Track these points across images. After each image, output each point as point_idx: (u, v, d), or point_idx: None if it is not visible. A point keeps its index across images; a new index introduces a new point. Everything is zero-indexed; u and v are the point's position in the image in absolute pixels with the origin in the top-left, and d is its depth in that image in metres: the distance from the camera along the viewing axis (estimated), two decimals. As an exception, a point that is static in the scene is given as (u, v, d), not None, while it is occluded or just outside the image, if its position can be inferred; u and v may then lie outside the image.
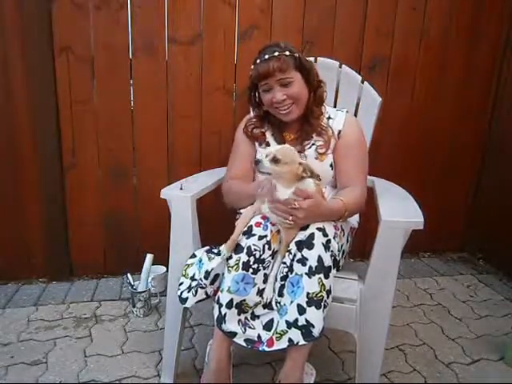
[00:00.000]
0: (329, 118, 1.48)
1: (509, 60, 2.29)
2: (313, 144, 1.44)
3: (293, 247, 1.20)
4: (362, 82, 1.78)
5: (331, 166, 1.44)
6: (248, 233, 1.23)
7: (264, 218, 1.24)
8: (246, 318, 1.22)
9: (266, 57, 1.35)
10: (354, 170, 1.41)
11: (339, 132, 1.44)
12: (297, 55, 1.38)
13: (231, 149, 1.59)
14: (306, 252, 1.17)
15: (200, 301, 1.29)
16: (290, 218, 1.18)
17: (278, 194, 1.20)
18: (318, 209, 1.20)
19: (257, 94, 1.48)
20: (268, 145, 1.49)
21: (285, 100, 1.38)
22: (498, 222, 2.37)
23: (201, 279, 1.28)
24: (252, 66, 1.41)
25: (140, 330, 1.77)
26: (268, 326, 1.21)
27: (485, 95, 2.36)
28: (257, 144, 1.52)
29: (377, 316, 1.27)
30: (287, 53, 1.36)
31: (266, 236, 1.22)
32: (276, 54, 1.34)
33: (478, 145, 2.43)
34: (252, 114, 1.60)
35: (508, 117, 2.32)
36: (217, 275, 1.28)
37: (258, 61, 1.38)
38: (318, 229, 1.19)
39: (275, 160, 1.17)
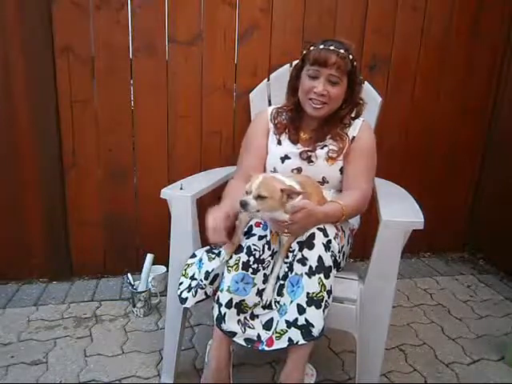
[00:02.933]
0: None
1: (509, 60, 2.28)
2: (325, 146, 1.44)
3: (295, 247, 1.20)
4: (363, 82, 1.77)
5: (341, 170, 1.43)
6: (248, 232, 1.24)
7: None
8: (245, 317, 1.22)
9: (332, 48, 1.35)
10: (359, 176, 1.40)
11: (353, 138, 1.45)
12: (355, 64, 1.39)
13: (242, 142, 1.57)
14: (306, 252, 1.17)
15: (200, 301, 1.29)
16: (286, 230, 1.20)
17: (276, 215, 1.19)
18: (312, 217, 1.19)
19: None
20: (280, 143, 1.49)
21: (323, 95, 1.37)
22: (498, 221, 2.37)
23: (201, 279, 1.28)
24: (311, 47, 1.39)
25: (140, 330, 1.77)
26: (268, 326, 1.21)
27: (485, 95, 2.36)
28: (271, 132, 1.51)
29: (377, 316, 1.28)
30: (351, 57, 1.37)
31: (265, 236, 1.22)
32: (342, 51, 1.35)
33: (478, 144, 2.43)
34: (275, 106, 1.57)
35: (508, 117, 2.32)
36: (216, 275, 1.28)
37: (322, 46, 1.36)
38: (318, 229, 1.19)
39: (260, 197, 1.14)
